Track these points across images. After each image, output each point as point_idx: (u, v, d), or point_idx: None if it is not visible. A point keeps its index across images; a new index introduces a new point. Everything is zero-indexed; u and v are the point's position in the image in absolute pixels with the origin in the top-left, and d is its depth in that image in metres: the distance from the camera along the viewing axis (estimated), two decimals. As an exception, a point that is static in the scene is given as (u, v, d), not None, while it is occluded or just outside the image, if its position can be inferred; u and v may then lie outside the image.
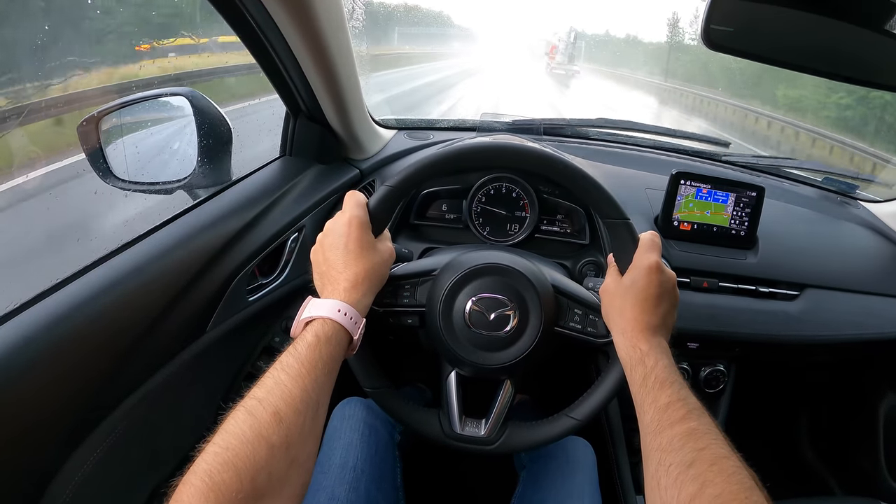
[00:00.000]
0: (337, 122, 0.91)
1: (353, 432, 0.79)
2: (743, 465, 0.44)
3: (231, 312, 0.75)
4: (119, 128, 0.84)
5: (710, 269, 0.95)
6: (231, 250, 0.74)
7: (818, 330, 0.97)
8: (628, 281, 0.62)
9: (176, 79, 1.30)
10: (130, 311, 0.61)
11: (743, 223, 0.97)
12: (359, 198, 0.64)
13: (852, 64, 0.59)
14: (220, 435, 0.43)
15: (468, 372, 0.69)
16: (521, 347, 0.66)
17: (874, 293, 1.01)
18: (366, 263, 0.60)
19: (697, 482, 0.43)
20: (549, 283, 0.69)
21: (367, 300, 0.60)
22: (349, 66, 0.82)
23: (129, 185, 0.80)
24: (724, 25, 0.60)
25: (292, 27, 0.68)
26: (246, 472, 0.41)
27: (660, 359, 0.56)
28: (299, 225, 0.85)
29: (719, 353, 1.02)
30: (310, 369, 0.49)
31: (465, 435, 0.69)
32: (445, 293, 0.67)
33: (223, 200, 0.78)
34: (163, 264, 0.65)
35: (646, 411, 0.52)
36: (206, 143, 0.81)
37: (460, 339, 0.67)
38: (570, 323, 0.69)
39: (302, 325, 0.55)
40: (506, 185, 0.99)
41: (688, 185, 0.95)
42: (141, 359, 0.62)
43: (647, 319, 0.59)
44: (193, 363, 0.70)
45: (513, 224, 1.01)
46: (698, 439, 0.46)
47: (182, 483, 0.40)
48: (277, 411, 0.45)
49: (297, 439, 0.46)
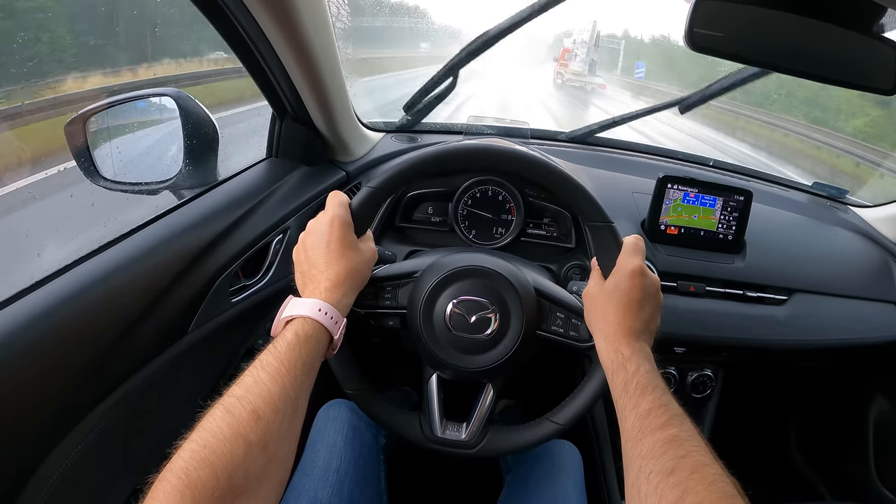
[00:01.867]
0: (323, 123, 0.91)
1: (337, 434, 0.79)
2: (725, 473, 0.44)
3: (214, 314, 0.74)
4: (106, 128, 0.84)
5: (697, 273, 0.95)
6: (215, 251, 0.73)
7: (806, 335, 0.97)
8: (611, 285, 0.62)
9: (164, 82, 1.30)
10: (111, 311, 0.60)
11: (731, 227, 0.97)
12: (341, 197, 0.64)
13: (837, 66, 0.59)
14: (198, 432, 0.43)
15: (449, 375, 0.69)
16: (502, 351, 0.66)
17: (863, 298, 1.01)
18: (347, 263, 0.60)
19: (678, 490, 0.42)
20: (531, 287, 0.68)
21: (347, 300, 0.60)
22: (334, 68, 0.81)
23: (115, 185, 0.80)
24: (708, 28, 0.60)
25: (276, 29, 0.68)
26: (223, 470, 0.40)
27: (641, 364, 0.55)
28: (284, 226, 0.85)
29: (706, 358, 1.02)
30: (289, 368, 0.49)
31: (446, 438, 0.69)
32: (426, 295, 0.67)
33: (207, 201, 0.77)
34: (145, 264, 0.65)
35: (627, 417, 0.52)
36: (192, 143, 0.81)
37: (441, 341, 0.67)
38: (552, 327, 0.69)
39: (282, 324, 0.55)
40: (492, 189, 1.00)
41: (675, 189, 0.95)
42: (121, 358, 0.62)
43: (630, 324, 0.59)
44: (175, 364, 0.70)
45: (499, 227, 1.01)
46: (679, 446, 0.46)
47: (158, 480, 0.39)
48: (256, 409, 0.45)
49: (275, 438, 0.45)
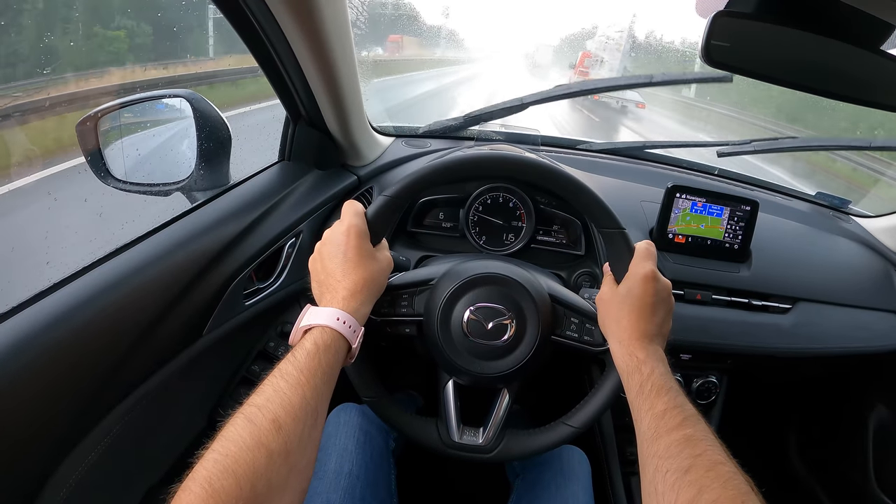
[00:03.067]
0: (336, 128, 0.91)
1: (348, 438, 0.79)
2: (739, 471, 0.45)
3: (228, 316, 0.74)
4: (118, 128, 0.83)
5: (703, 281, 0.96)
6: (229, 254, 0.73)
7: (810, 343, 0.98)
8: (624, 290, 0.62)
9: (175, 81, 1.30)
10: (128, 313, 0.60)
11: (737, 237, 0.98)
12: (357, 207, 0.64)
13: (849, 83, 0.60)
14: (220, 441, 0.43)
15: (466, 381, 0.70)
16: (519, 356, 0.67)
17: (865, 307, 1.03)
18: (364, 272, 0.60)
19: (694, 487, 0.43)
20: (545, 292, 0.69)
21: (365, 309, 0.60)
22: (351, 73, 0.82)
23: (127, 186, 0.79)
24: (724, 42, 0.61)
25: (297, 33, 0.68)
26: (245, 479, 0.41)
27: (656, 366, 0.56)
28: (297, 230, 0.85)
29: (712, 365, 1.03)
30: (309, 377, 0.49)
31: (463, 443, 0.69)
32: (443, 303, 0.67)
33: (222, 204, 0.78)
34: (162, 267, 0.65)
35: (643, 418, 0.53)
36: (206, 145, 0.81)
37: (458, 348, 0.67)
38: (566, 332, 0.69)
39: (301, 333, 0.55)
40: (503, 195, 1.00)
41: (683, 199, 0.96)
42: (138, 361, 0.62)
43: (644, 327, 0.60)
44: (189, 366, 0.70)
45: (509, 234, 1.01)
46: (695, 445, 0.47)
47: (181, 490, 0.40)
48: (277, 419, 0.45)
49: (296, 447, 0.46)
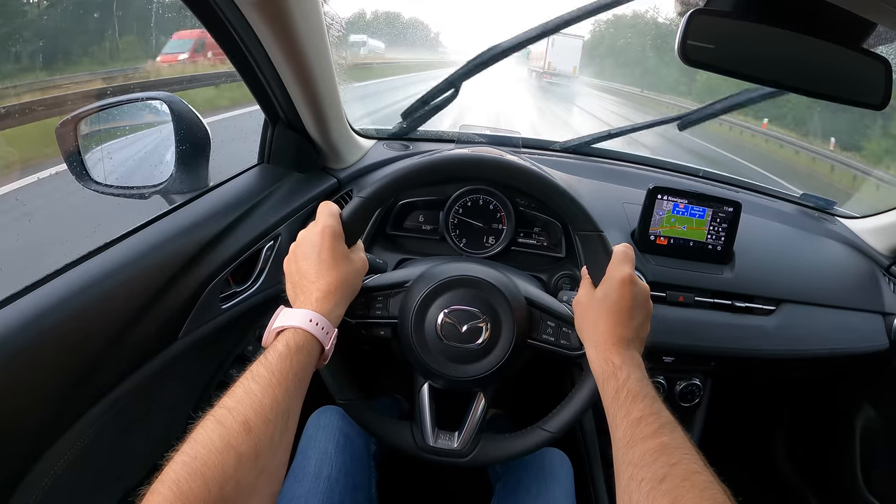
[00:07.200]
0: (315, 130, 0.90)
1: (328, 441, 0.78)
2: (715, 480, 0.44)
3: (204, 320, 0.74)
4: (97, 131, 0.83)
5: (686, 283, 0.96)
6: (205, 257, 0.73)
7: (794, 344, 0.98)
8: (601, 293, 0.62)
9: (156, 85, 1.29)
10: (101, 316, 0.60)
11: (720, 238, 0.98)
12: (332, 208, 0.64)
13: (829, 81, 0.60)
14: (189, 444, 0.43)
15: (441, 384, 0.69)
16: (494, 360, 0.67)
17: (850, 308, 1.02)
18: (338, 274, 0.59)
19: (669, 497, 0.43)
20: (521, 296, 0.69)
21: (339, 311, 0.60)
22: (328, 75, 0.81)
23: (106, 189, 0.79)
24: (701, 42, 0.61)
25: (270, 35, 0.68)
26: (214, 482, 0.41)
27: (632, 372, 0.56)
28: (275, 233, 0.84)
29: (695, 367, 1.03)
30: (280, 379, 0.49)
31: (438, 447, 0.69)
32: (417, 305, 0.67)
33: (199, 206, 0.77)
34: (135, 269, 0.64)
35: (618, 425, 0.52)
36: (184, 148, 0.80)
37: (432, 351, 0.67)
38: (542, 335, 0.69)
39: (273, 335, 0.55)
40: (483, 198, 1.00)
41: (665, 200, 0.96)
42: (111, 365, 0.61)
43: (620, 332, 0.59)
44: (164, 370, 0.69)
45: (489, 236, 1.01)
46: (671, 454, 0.46)
47: (150, 492, 0.39)
48: (247, 421, 0.45)
49: (266, 449, 0.46)
